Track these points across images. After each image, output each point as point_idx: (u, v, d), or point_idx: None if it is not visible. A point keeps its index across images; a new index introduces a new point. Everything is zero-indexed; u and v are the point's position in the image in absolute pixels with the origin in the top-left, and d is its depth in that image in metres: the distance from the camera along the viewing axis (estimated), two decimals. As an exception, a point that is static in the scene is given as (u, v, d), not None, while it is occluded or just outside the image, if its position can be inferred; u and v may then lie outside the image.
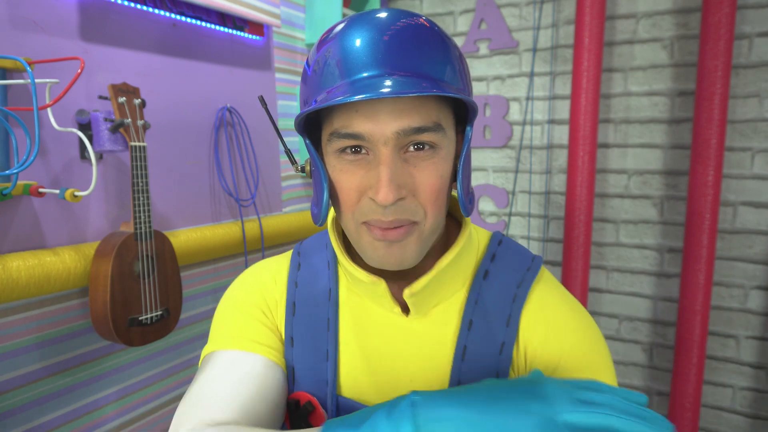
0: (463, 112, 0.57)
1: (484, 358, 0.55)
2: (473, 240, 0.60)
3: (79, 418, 1.29)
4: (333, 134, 0.50)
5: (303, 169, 0.58)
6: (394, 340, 0.57)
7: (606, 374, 0.55)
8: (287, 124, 1.92)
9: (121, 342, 1.20)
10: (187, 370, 1.58)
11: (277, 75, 1.85)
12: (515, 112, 2.07)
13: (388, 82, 0.46)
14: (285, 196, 1.92)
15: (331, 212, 0.62)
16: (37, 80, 1.04)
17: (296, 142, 1.97)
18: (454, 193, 0.61)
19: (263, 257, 1.73)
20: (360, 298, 0.60)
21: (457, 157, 0.56)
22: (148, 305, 1.25)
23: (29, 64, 1.06)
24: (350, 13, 2.07)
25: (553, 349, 0.55)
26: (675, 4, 1.77)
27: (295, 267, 0.64)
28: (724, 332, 1.80)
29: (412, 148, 0.49)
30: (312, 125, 0.57)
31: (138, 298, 1.23)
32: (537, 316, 0.56)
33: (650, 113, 1.85)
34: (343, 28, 0.51)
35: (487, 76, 2.11)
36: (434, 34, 0.50)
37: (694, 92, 1.73)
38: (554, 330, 0.56)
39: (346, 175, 0.51)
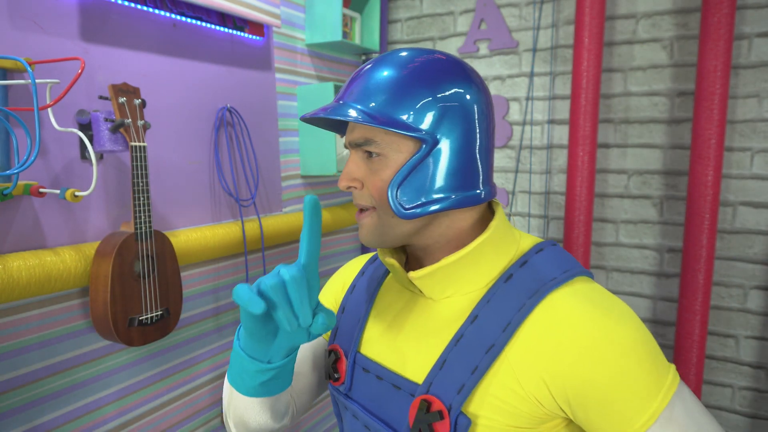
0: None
1: (472, 350, 0.60)
2: (508, 245, 0.65)
3: (79, 418, 1.30)
4: None
5: None
6: (410, 315, 0.69)
7: (637, 410, 0.53)
8: (287, 124, 1.92)
9: (121, 342, 1.20)
10: (187, 370, 1.58)
11: (277, 75, 1.85)
12: (515, 112, 2.07)
13: (338, 108, 0.62)
14: (285, 196, 1.92)
15: None
16: (37, 80, 1.04)
17: (296, 141, 1.97)
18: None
19: (263, 257, 1.73)
20: (398, 283, 0.73)
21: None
22: (148, 305, 1.25)
23: (30, 64, 1.06)
24: (350, 13, 2.07)
25: (553, 372, 0.56)
26: (675, 4, 1.77)
27: (371, 261, 0.81)
28: (723, 332, 1.81)
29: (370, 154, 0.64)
30: None
31: (138, 298, 1.23)
32: (538, 332, 0.57)
33: (650, 113, 1.85)
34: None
35: (487, 76, 2.11)
36: (406, 73, 0.61)
37: (694, 92, 1.73)
38: (554, 351, 0.56)
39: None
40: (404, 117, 0.60)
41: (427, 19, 2.22)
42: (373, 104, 0.61)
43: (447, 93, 0.61)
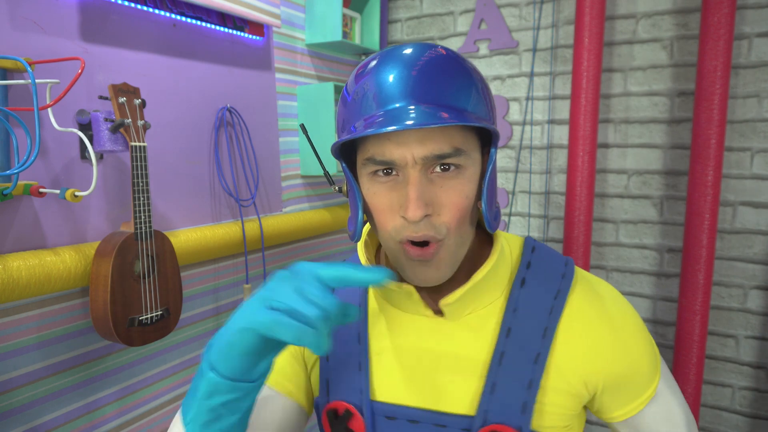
0: (487, 135, 0.60)
1: (520, 365, 0.57)
2: (505, 250, 0.62)
3: (79, 418, 1.30)
4: (368, 160, 0.54)
5: (341, 190, 0.64)
6: (429, 342, 0.61)
7: (648, 384, 0.61)
8: (287, 124, 1.92)
9: (121, 342, 1.20)
10: (187, 370, 1.58)
11: (277, 75, 1.85)
12: (515, 113, 2.07)
13: (413, 114, 0.50)
14: (285, 196, 1.92)
15: (363, 234, 0.66)
16: (37, 80, 1.04)
17: (296, 141, 1.97)
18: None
19: (263, 257, 1.73)
20: (392, 308, 0.64)
21: (482, 177, 0.58)
22: (148, 305, 1.25)
23: (30, 64, 1.06)
24: (350, 13, 2.07)
25: (592, 369, 0.59)
26: (675, 4, 1.77)
27: None
28: (723, 332, 1.81)
29: (438, 169, 0.53)
30: (347, 149, 0.61)
31: (138, 298, 1.23)
32: (575, 333, 0.60)
33: (650, 113, 1.85)
34: (377, 64, 0.55)
35: (487, 76, 2.11)
36: (457, 65, 0.54)
37: (694, 92, 1.73)
38: (593, 349, 0.59)
39: (378, 197, 0.55)
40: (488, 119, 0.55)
41: (427, 19, 2.22)
42: (466, 108, 0.53)
43: (487, 89, 0.58)
